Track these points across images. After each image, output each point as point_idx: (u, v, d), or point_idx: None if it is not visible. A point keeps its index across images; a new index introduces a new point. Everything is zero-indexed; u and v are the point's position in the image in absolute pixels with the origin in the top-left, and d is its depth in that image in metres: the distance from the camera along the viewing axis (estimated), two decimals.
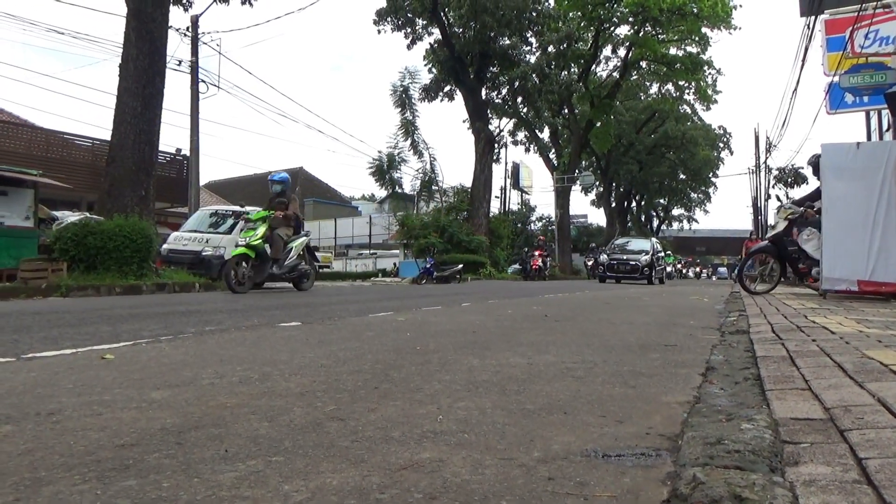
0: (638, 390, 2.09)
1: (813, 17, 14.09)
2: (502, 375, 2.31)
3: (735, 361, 2.82)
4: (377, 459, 1.32)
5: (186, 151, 19.87)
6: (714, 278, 62.57)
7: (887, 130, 15.55)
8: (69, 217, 11.50)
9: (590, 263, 30.68)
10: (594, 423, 1.64)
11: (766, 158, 31.72)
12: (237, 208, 15.61)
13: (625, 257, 21.74)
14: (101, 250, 10.44)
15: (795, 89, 18.52)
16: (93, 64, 54.88)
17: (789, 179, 26.49)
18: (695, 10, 32.08)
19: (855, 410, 1.58)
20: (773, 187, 30.65)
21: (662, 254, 24.90)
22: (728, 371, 2.57)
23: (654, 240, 25.26)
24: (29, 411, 1.69)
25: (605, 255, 22.68)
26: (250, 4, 15.80)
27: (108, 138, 13.70)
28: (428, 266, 21.00)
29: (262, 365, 2.50)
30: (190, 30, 18.09)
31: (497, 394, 1.99)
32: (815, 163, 8.43)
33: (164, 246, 13.28)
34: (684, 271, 38.65)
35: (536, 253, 26.52)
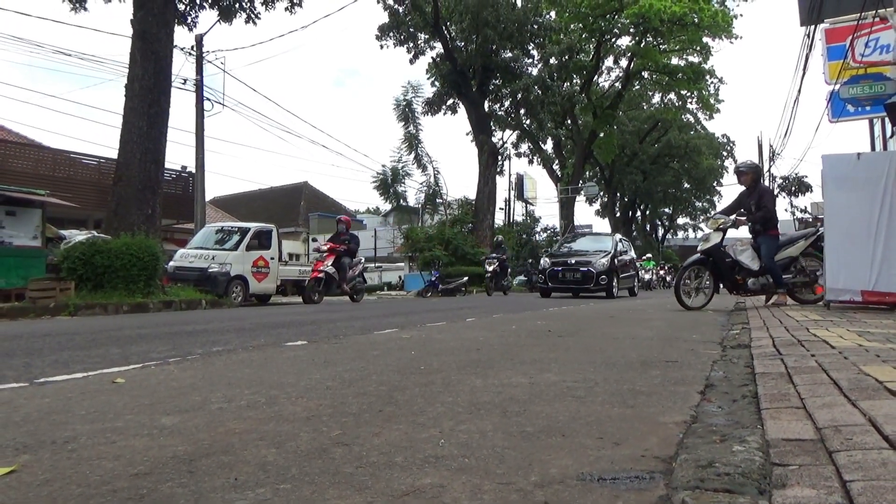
0: (636, 410, 2.14)
1: (813, 27, 14.18)
2: (504, 396, 2.36)
3: (734, 378, 2.86)
4: (381, 486, 1.37)
5: (192, 168, 20.03)
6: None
7: (891, 137, 15.59)
8: (77, 236, 11.61)
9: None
10: (592, 445, 1.69)
11: (770, 167, 31.78)
12: (243, 224, 15.74)
13: (573, 261, 15.85)
14: (109, 269, 10.56)
15: (797, 98, 18.62)
16: (99, 84, 55.39)
17: (793, 188, 26.48)
18: (695, 20, 32.23)
19: (845, 431, 1.63)
20: (778, 195, 30.65)
21: (631, 255, 18.59)
22: (727, 388, 2.61)
23: (617, 236, 18.96)
24: (45, 439, 1.75)
25: (548, 259, 16.75)
26: (254, 23, 15.99)
27: (114, 157, 13.86)
28: (433, 279, 21.06)
29: (269, 388, 2.55)
30: (194, 49, 18.30)
31: (498, 416, 2.04)
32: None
33: (171, 263, 13.38)
34: (668, 279, 33.85)
35: None
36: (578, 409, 2.13)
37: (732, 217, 8.49)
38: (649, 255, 32.52)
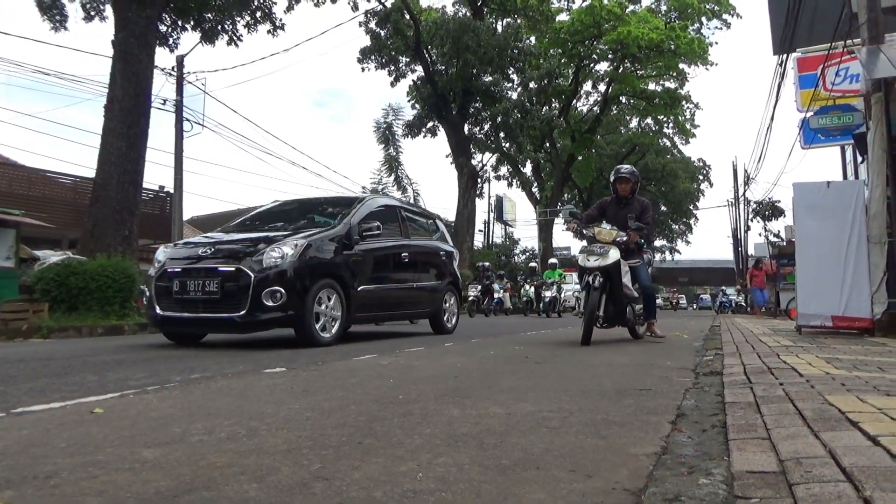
0: (609, 441, 2.20)
1: (785, 56, 14.60)
2: (481, 427, 2.41)
3: (705, 407, 2.94)
4: None
5: (170, 188, 19.94)
6: (693, 307, 62.87)
7: (862, 163, 16.00)
8: (51, 257, 11.48)
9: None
10: (564, 478, 1.74)
11: (745, 191, 32.36)
12: None
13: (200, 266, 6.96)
14: (84, 290, 10.44)
15: (770, 124, 19.09)
16: (77, 103, 54.97)
17: (767, 212, 26.96)
18: (672, 48, 32.92)
19: (806, 463, 1.70)
20: (752, 220, 31.17)
21: (449, 250, 9.83)
22: (697, 417, 2.69)
23: (393, 199, 11.76)
24: (27, 474, 1.77)
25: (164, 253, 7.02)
26: (236, 45, 16.09)
27: (91, 176, 13.78)
28: None
29: (249, 418, 2.58)
30: (175, 70, 18.31)
31: (475, 448, 2.09)
32: None
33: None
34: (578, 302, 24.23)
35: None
36: (553, 441, 2.19)
37: (625, 234, 6.95)
38: (554, 260, 26.40)
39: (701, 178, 54.67)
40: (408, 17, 26.10)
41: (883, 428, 2.01)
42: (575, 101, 39.67)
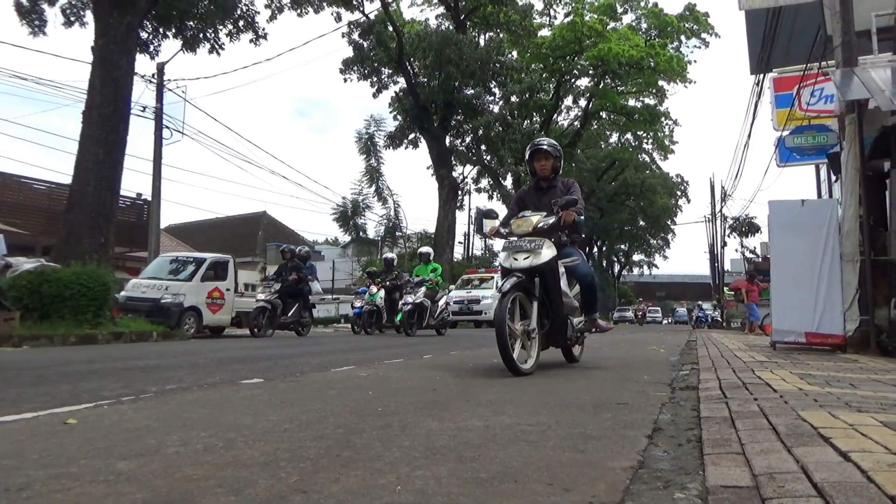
0: (586, 455, 2.21)
1: (762, 75, 14.90)
2: (459, 440, 2.41)
3: (681, 422, 2.97)
4: None
5: (147, 196, 19.74)
6: (668, 321, 63.09)
7: (835, 181, 16.34)
8: (25, 264, 11.29)
9: None
10: (542, 491, 1.75)
11: (722, 207, 32.81)
12: (199, 255, 15.53)
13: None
14: (57, 298, 10.29)
15: (747, 142, 19.40)
16: (55, 109, 54.29)
17: (743, 228, 27.36)
18: (652, 65, 33.43)
19: (779, 478, 1.73)
20: (729, 236, 31.59)
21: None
22: (674, 432, 2.72)
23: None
24: None
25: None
26: (217, 54, 16.04)
27: (67, 182, 13.62)
28: None
29: (226, 430, 2.56)
30: (155, 77, 18.18)
31: (454, 461, 2.09)
32: None
33: (122, 293, 13.09)
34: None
35: None
36: (531, 454, 2.20)
37: (553, 219, 5.22)
38: (427, 249, 16.44)
39: (679, 193, 55.38)
40: (391, 28, 26.23)
41: (854, 444, 2.05)
42: (556, 115, 40.05)
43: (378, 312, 14.83)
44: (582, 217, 5.39)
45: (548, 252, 5.01)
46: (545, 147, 5.69)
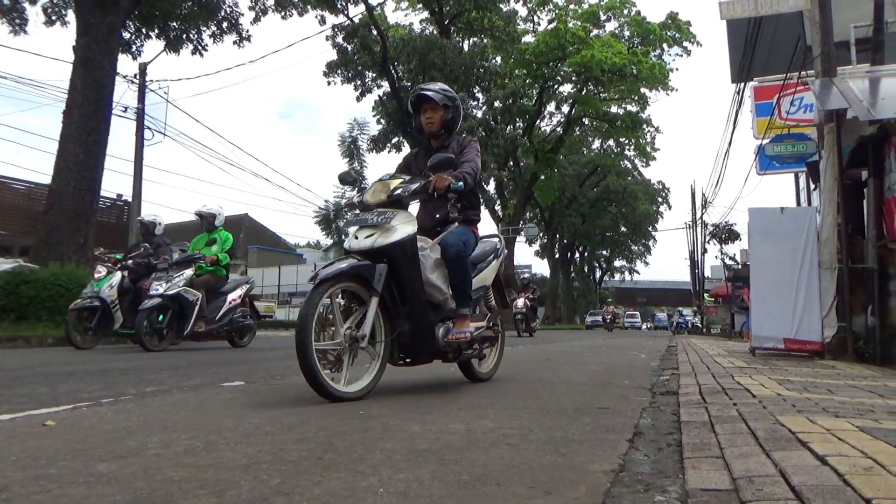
0: (568, 458, 2.23)
1: (743, 84, 15.10)
2: (441, 443, 2.42)
3: (661, 426, 3.00)
4: None
5: (128, 196, 19.55)
6: (646, 326, 63.14)
7: (814, 190, 16.56)
8: (2, 265, 11.15)
9: None
10: (524, 494, 1.76)
11: (702, 214, 33.14)
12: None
13: None
14: (35, 299, 10.17)
15: (728, 150, 19.61)
16: (35, 108, 53.64)
17: (723, 235, 27.65)
18: (634, 72, 33.73)
19: (757, 481, 1.75)
20: (709, 242, 31.91)
21: None
22: (654, 436, 2.74)
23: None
24: None
25: None
26: (200, 55, 15.93)
27: (46, 182, 13.45)
28: None
29: (208, 433, 2.54)
30: (137, 77, 18.03)
31: (436, 464, 2.09)
32: None
33: None
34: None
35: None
36: (513, 457, 2.21)
37: (416, 184, 3.92)
38: (211, 209, 10.00)
39: (660, 200, 55.86)
40: (375, 32, 26.22)
41: (831, 448, 2.08)
42: (539, 121, 40.29)
43: (105, 311, 8.83)
44: (462, 185, 3.95)
45: (403, 228, 3.70)
46: (430, 94, 4.32)
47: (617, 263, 67.46)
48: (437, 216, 4.22)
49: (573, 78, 35.94)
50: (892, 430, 2.43)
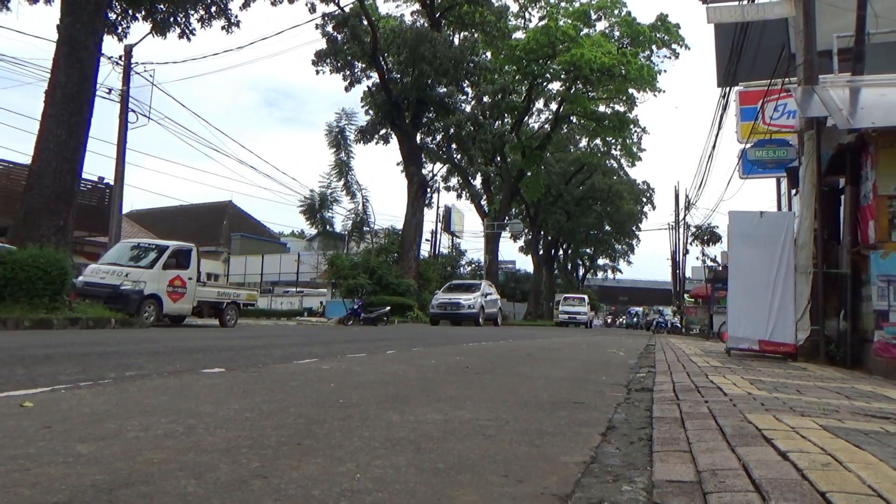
0: (541, 450, 2.28)
1: (728, 88, 15.23)
2: (419, 433, 2.47)
3: (634, 421, 3.07)
4: None
5: (109, 180, 19.35)
6: (621, 320, 62.82)
7: (795, 195, 16.78)
8: None
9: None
10: (497, 482, 1.82)
11: (685, 216, 33.40)
12: (161, 242, 15.29)
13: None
14: (12, 281, 10.07)
15: (712, 153, 19.80)
16: (16, 87, 52.79)
17: (706, 237, 27.87)
18: (623, 72, 33.84)
19: (720, 474, 1.82)
20: (691, 244, 32.16)
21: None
22: (626, 430, 2.81)
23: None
24: None
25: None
26: (188, 39, 15.79)
27: (26, 163, 13.29)
28: (356, 307, 20.93)
29: (187, 417, 2.57)
30: (122, 59, 17.83)
31: (412, 452, 2.14)
32: None
33: (80, 278, 12.83)
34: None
35: None
36: (488, 448, 2.26)
37: None
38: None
39: (644, 200, 56.13)
40: (365, 23, 26.11)
41: (793, 445, 2.16)
42: (527, 117, 40.35)
43: None
44: None
45: None
46: None
47: (600, 262, 67.79)
48: None
49: (562, 76, 35.99)
50: (854, 429, 2.52)
